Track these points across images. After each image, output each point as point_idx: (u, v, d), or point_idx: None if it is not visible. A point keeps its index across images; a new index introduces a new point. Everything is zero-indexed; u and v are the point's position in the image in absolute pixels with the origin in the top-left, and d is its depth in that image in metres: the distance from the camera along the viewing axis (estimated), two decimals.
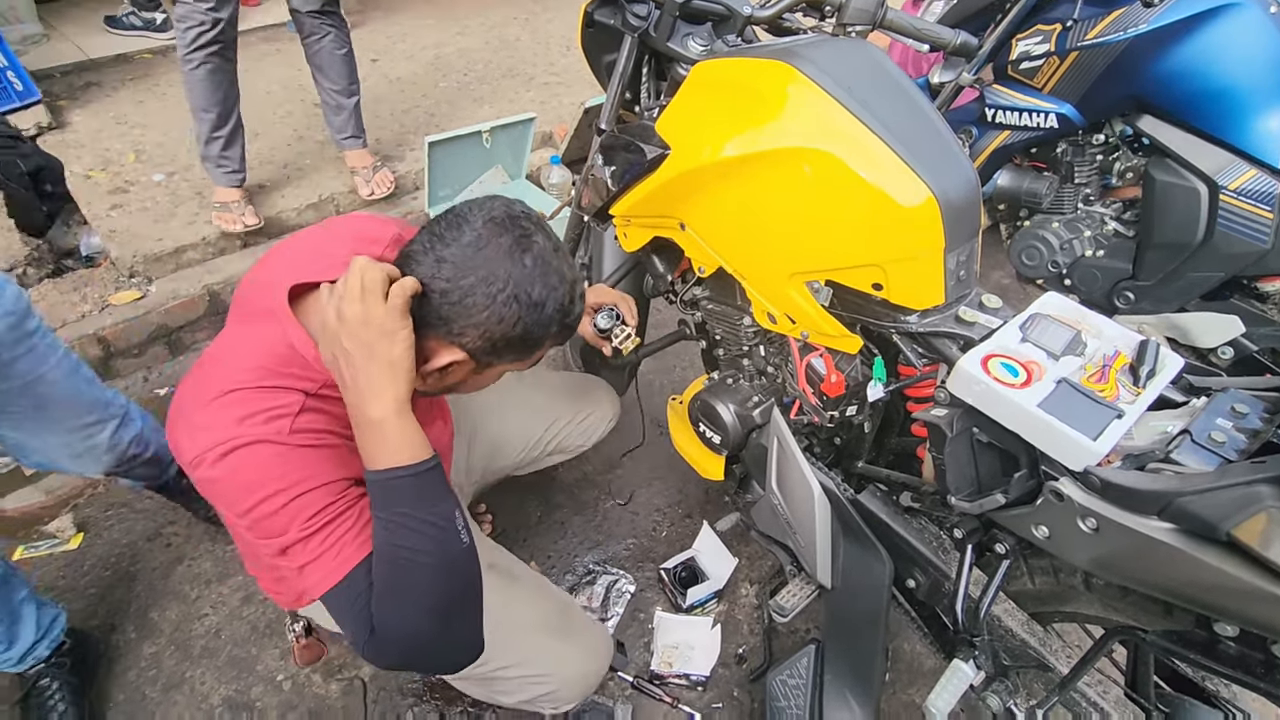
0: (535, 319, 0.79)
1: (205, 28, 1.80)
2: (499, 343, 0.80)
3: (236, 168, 2.11)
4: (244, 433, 0.74)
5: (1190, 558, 0.69)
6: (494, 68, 3.16)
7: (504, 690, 1.11)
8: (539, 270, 0.78)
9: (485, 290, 0.76)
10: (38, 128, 2.53)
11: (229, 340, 0.85)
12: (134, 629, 1.50)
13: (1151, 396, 0.83)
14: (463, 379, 0.88)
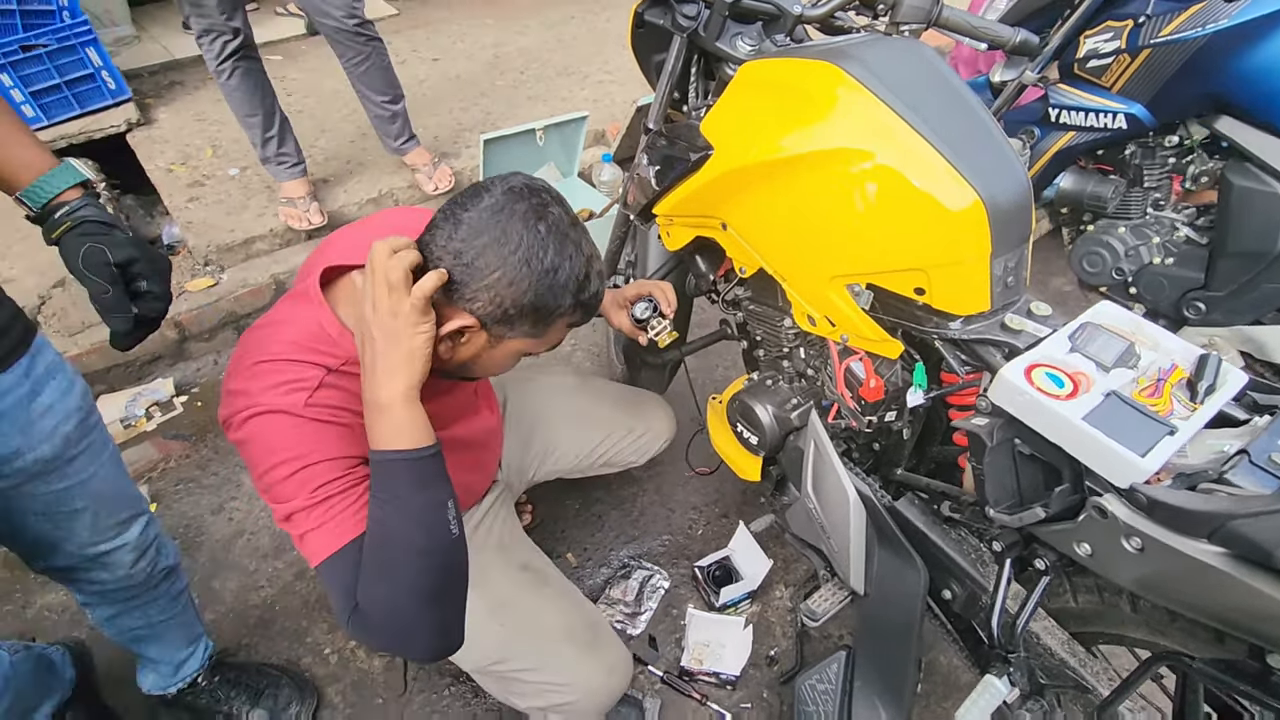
0: (547, 285, 0.80)
1: (229, 37, 1.90)
2: (510, 310, 0.80)
3: (295, 160, 2.21)
4: (265, 400, 0.79)
5: (1242, 584, 0.66)
6: (550, 66, 3.20)
7: (521, 693, 1.12)
8: (553, 237, 0.79)
9: (497, 251, 0.77)
10: (127, 124, 2.71)
11: (272, 315, 0.90)
12: (198, 596, 1.59)
13: (1209, 413, 0.79)
14: (477, 353, 0.86)
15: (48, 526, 0.93)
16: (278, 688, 1.37)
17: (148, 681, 1.28)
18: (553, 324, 0.86)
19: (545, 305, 0.82)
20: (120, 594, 1.09)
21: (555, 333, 0.88)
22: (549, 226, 0.80)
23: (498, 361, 0.90)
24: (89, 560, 1.01)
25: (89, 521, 0.97)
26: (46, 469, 0.88)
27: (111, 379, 2.07)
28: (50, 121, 2.57)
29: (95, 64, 2.62)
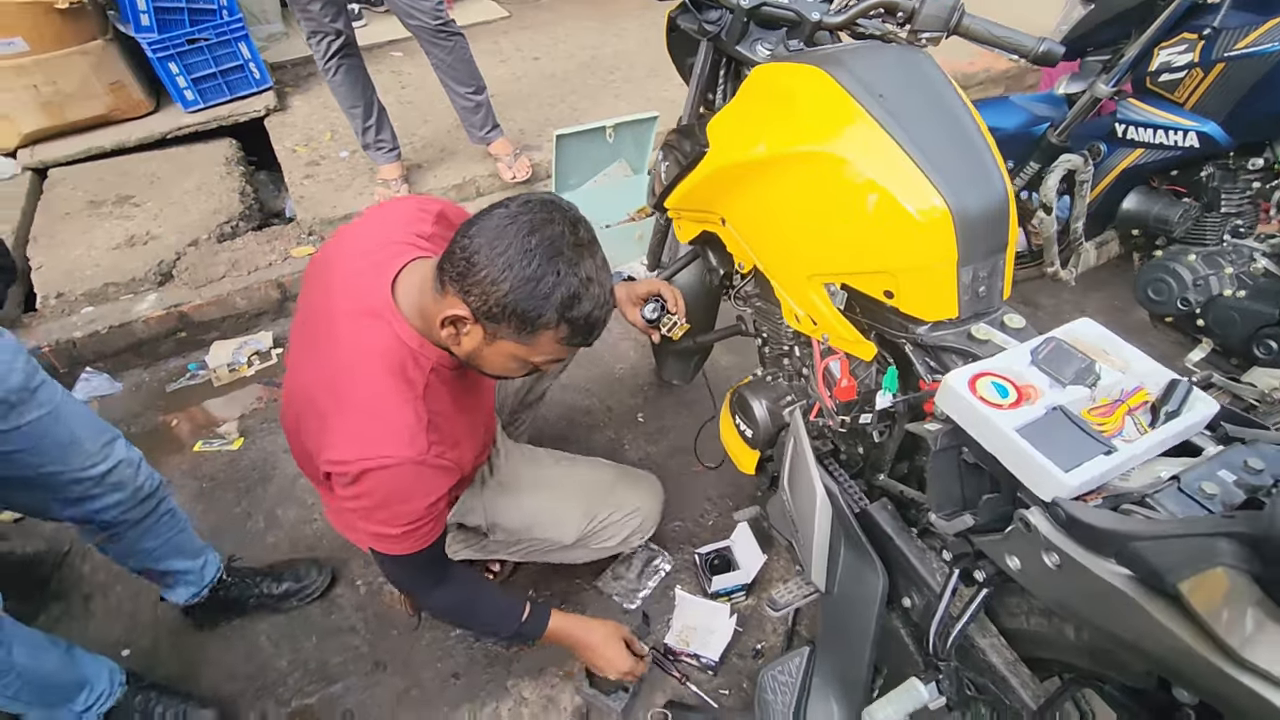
0: (528, 293, 0.86)
1: (333, 37, 2.14)
2: (494, 309, 0.87)
3: (391, 146, 2.45)
4: (386, 453, 0.95)
5: (1138, 608, 0.65)
6: (640, 68, 3.32)
7: (607, 539, 1.44)
8: (542, 250, 0.86)
9: (488, 252, 0.86)
10: (265, 109, 3.08)
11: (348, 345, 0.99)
12: (263, 520, 1.83)
13: (1161, 438, 0.77)
14: (478, 347, 0.95)
15: (47, 459, 1.10)
16: (295, 566, 1.61)
17: (181, 595, 1.47)
18: (538, 334, 0.91)
19: (526, 312, 0.88)
20: (136, 514, 1.27)
21: (546, 344, 0.93)
22: (541, 240, 0.86)
23: (496, 360, 0.98)
24: (98, 482, 1.18)
25: (81, 443, 1.14)
26: (23, 396, 1.04)
27: (225, 328, 2.39)
28: (206, 104, 2.98)
29: (245, 56, 3.01)
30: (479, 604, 1.24)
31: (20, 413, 1.05)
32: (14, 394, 1.03)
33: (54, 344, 2.14)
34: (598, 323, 0.93)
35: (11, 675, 1.11)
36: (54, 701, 1.21)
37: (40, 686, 1.17)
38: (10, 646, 1.10)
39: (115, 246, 2.43)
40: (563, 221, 0.89)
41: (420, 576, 1.16)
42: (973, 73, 3.29)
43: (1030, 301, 2.33)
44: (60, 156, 2.77)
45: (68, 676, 1.23)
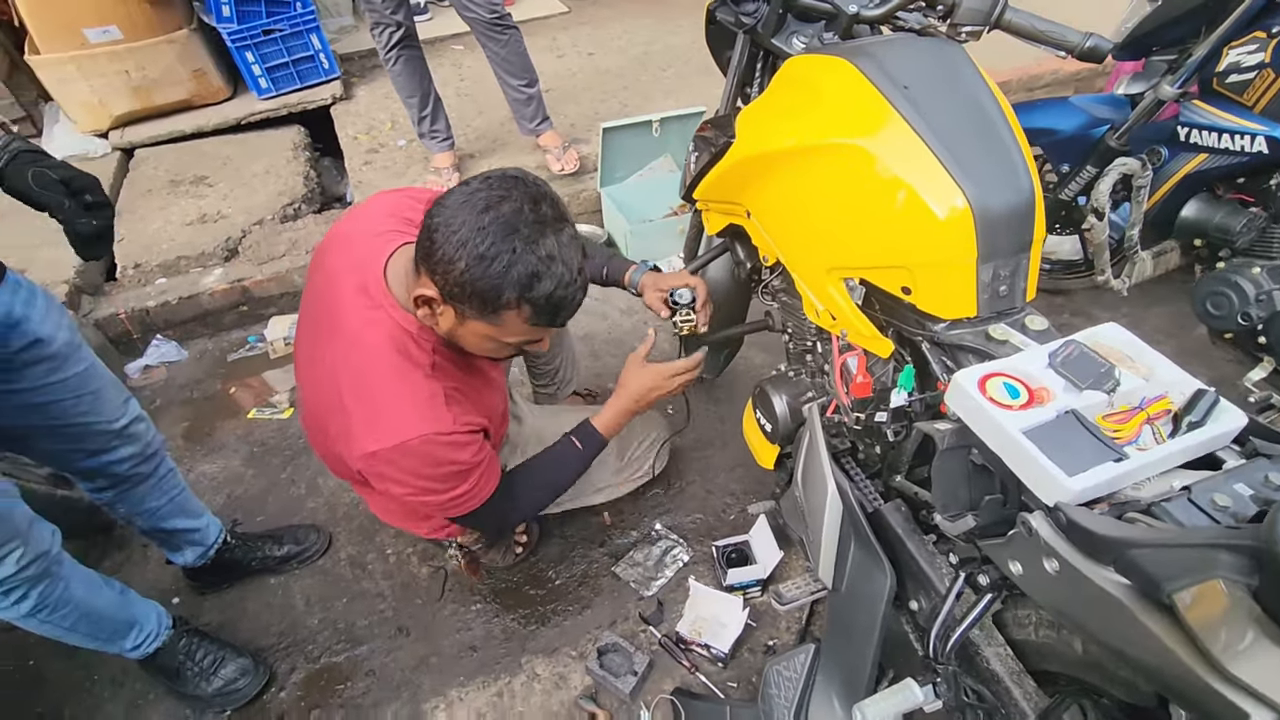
0: (482, 273, 0.84)
1: (394, 29, 2.22)
2: (454, 288, 0.87)
3: (445, 136, 2.53)
4: (412, 429, 0.98)
5: (1132, 618, 0.63)
6: (692, 65, 3.32)
7: (642, 462, 1.56)
8: (497, 228, 0.84)
9: (445, 230, 0.85)
10: (332, 98, 3.22)
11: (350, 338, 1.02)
12: (305, 489, 1.92)
13: (1179, 448, 0.74)
14: (453, 327, 0.96)
15: (86, 404, 1.19)
16: (296, 529, 1.71)
17: (187, 556, 1.55)
18: (501, 314, 0.90)
19: (484, 291, 0.86)
20: (144, 469, 1.35)
21: (513, 324, 0.92)
22: (495, 217, 0.85)
23: (472, 340, 0.98)
24: (116, 436, 1.26)
25: (108, 395, 1.23)
26: (70, 350, 1.13)
27: (282, 304, 2.52)
28: (278, 92, 3.14)
29: (315, 47, 3.16)
30: (550, 482, 1.30)
31: (68, 365, 1.14)
32: (64, 348, 1.13)
33: (130, 311, 2.31)
34: (562, 302, 0.90)
35: (69, 608, 1.21)
36: (106, 637, 1.31)
37: (94, 621, 1.27)
38: (69, 581, 1.20)
39: (189, 223, 2.60)
40: (521, 198, 0.87)
41: (505, 510, 1.22)
42: (1039, 74, 3.16)
43: (1082, 312, 2.23)
44: (146, 138, 2.97)
45: (120, 615, 1.33)
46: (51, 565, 1.15)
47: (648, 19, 3.80)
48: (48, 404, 1.14)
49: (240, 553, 1.63)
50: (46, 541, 1.15)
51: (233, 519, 1.73)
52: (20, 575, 1.10)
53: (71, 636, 1.25)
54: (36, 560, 1.12)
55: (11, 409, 1.10)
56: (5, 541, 1.07)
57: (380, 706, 1.45)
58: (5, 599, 1.12)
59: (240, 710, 1.44)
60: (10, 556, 1.08)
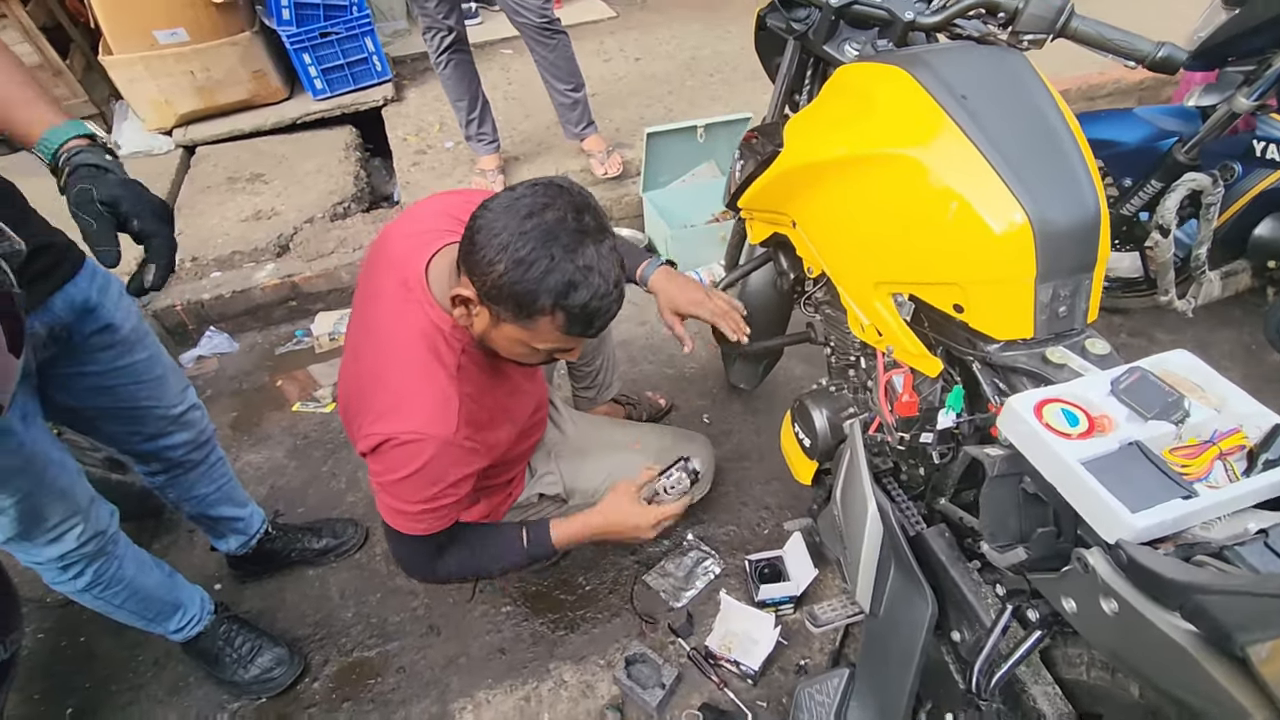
0: (519, 277, 0.85)
1: (445, 33, 2.26)
2: (492, 291, 0.88)
3: (491, 139, 2.56)
4: (418, 428, 0.98)
5: (1198, 668, 0.59)
6: (740, 71, 3.29)
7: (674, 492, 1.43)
8: (537, 234, 0.85)
9: (487, 232, 0.86)
10: (383, 100, 3.29)
11: (382, 328, 1.04)
12: (345, 483, 1.96)
13: (1255, 487, 0.69)
14: (487, 329, 0.97)
15: (147, 389, 1.22)
16: (334, 523, 1.74)
17: (230, 544, 1.59)
18: (536, 320, 0.90)
19: (520, 295, 0.87)
20: (196, 456, 1.39)
21: (546, 331, 0.91)
22: (538, 224, 0.85)
23: (504, 343, 0.98)
24: (173, 421, 1.30)
25: (170, 382, 1.27)
26: (137, 336, 1.17)
27: (329, 300, 2.58)
28: (332, 93, 3.22)
29: (370, 50, 3.23)
30: (481, 559, 1.21)
31: (136, 351, 1.18)
32: (133, 333, 1.17)
33: (185, 303, 2.39)
34: (597, 313, 0.90)
35: (120, 585, 1.25)
36: (152, 617, 1.36)
37: (143, 600, 1.31)
38: (123, 560, 1.25)
39: (244, 219, 2.68)
40: (565, 207, 0.87)
41: (424, 555, 1.16)
42: (1101, 83, 3.04)
43: (1141, 332, 2.13)
44: (207, 136, 3.08)
45: (167, 596, 1.37)
46: (108, 544, 1.20)
47: (696, 24, 3.79)
48: (115, 387, 1.18)
49: (280, 543, 1.67)
50: (105, 520, 1.19)
51: (275, 510, 1.77)
52: (79, 551, 1.15)
53: (120, 614, 1.30)
54: (95, 538, 1.17)
55: (83, 391, 1.15)
56: (68, 517, 1.11)
57: (409, 704, 1.47)
58: (64, 573, 1.17)
59: (275, 699, 1.47)
60: (71, 532, 1.12)
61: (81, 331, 1.09)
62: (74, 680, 1.54)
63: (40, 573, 1.17)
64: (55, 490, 1.08)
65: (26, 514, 1.06)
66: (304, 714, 1.46)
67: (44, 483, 1.06)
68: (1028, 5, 1.00)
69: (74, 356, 1.10)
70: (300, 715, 1.46)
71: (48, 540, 1.11)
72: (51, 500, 1.08)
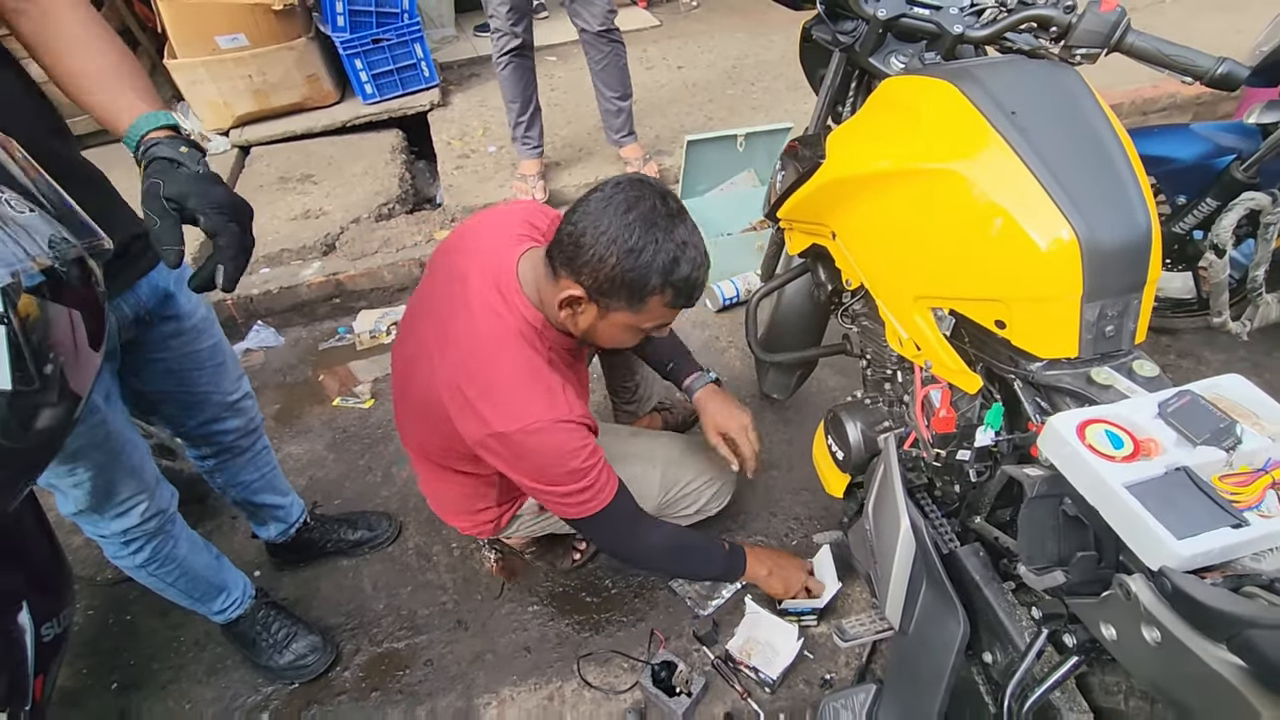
0: (632, 264, 0.96)
1: (510, 38, 2.32)
2: (604, 283, 0.98)
3: (536, 144, 2.61)
4: (548, 415, 1.06)
5: (1246, 704, 0.57)
6: (783, 80, 3.29)
7: (689, 504, 1.51)
8: (640, 223, 0.95)
9: (593, 233, 0.96)
10: (430, 104, 3.38)
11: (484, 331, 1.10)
12: (380, 477, 2.00)
13: None
14: (593, 323, 1.07)
15: (208, 376, 1.28)
16: (369, 516, 1.79)
17: (271, 532, 1.65)
18: (647, 300, 1.01)
19: (634, 281, 0.98)
20: (245, 443, 1.44)
21: (655, 309, 1.03)
22: (638, 215, 0.97)
23: (610, 331, 1.10)
24: (228, 408, 1.35)
25: (229, 370, 1.32)
26: (205, 325, 1.23)
27: (372, 298, 2.64)
28: (382, 97, 3.31)
29: (419, 55, 3.32)
30: (686, 548, 1.36)
31: (202, 338, 1.24)
32: (201, 322, 1.23)
33: (235, 298, 2.48)
34: (697, 283, 1.02)
35: (173, 565, 1.31)
36: (199, 597, 1.41)
37: (192, 580, 1.37)
38: (178, 540, 1.31)
39: (293, 218, 2.77)
40: (653, 195, 0.98)
41: (625, 530, 1.25)
42: (1155, 97, 2.96)
43: (1191, 353, 2.05)
44: (261, 137, 3.19)
45: (214, 578, 1.43)
46: (167, 523, 1.26)
47: (739, 33, 3.79)
48: (181, 372, 1.24)
49: (318, 534, 1.72)
50: (167, 500, 1.25)
51: (313, 500, 1.82)
52: (142, 527, 1.20)
53: (170, 591, 1.36)
54: (158, 515, 1.22)
55: (153, 375, 1.21)
56: (136, 493, 1.17)
57: (435, 696, 1.49)
58: (126, 548, 1.23)
59: (307, 685, 1.51)
60: (137, 508, 1.18)
61: (159, 317, 1.15)
62: (120, 657, 1.60)
63: (103, 545, 1.23)
64: (128, 467, 1.14)
65: (100, 488, 1.11)
66: (334, 701, 1.50)
67: (119, 459, 1.12)
68: (1081, 20, 0.98)
69: (149, 342, 1.16)
70: (330, 702, 1.49)
71: (115, 514, 1.16)
72: (123, 476, 1.14)
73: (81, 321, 0.71)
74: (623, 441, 1.53)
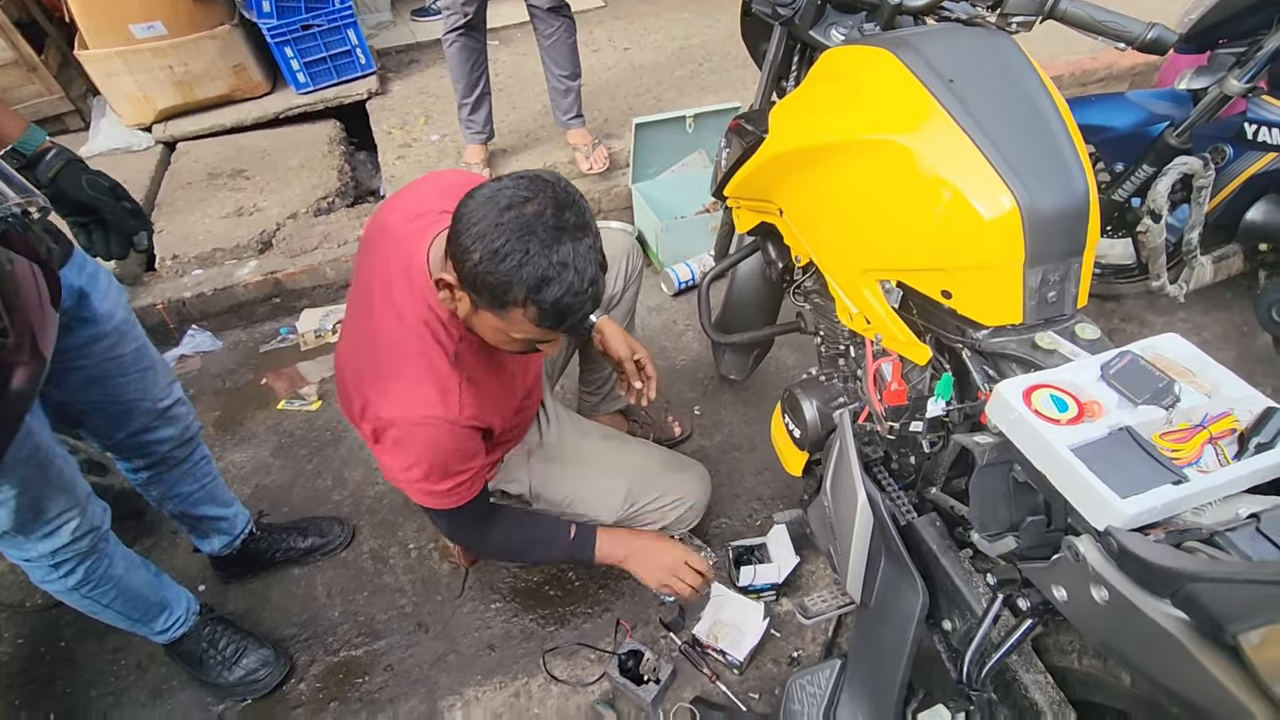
0: (493, 268, 0.85)
1: (458, 16, 2.23)
2: (468, 278, 0.89)
3: (479, 130, 2.53)
4: (419, 411, 1.03)
5: (1189, 657, 0.58)
6: (730, 59, 3.26)
7: (651, 521, 1.43)
8: (513, 227, 0.85)
9: (467, 221, 0.87)
10: (368, 93, 3.24)
11: (385, 308, 1.07)
12: (331, 480, 1.93)
13: (1246, 472, 0.68)
14: (469, 314, 0.97)
15: (135, 382, 1.21)
16: (320, 522, 1.73)
17: (215, 545, 1.57)
18: (509, 310, 0.90)
19: (494, 286, 0.87)
20: (180, 453, 1.37)
21: (519, 322, 0.92)
22: (514, 217, 0.85)
23: (486, 330, 0.99)
24: (159, 416, 1.29)
25: (157, 375, 1.26)
26: (127, 327, 1.17)
27: (314, 296, 2.54)
28: (315, 86, 3.16)
29: (353, 42, 3.18)
30: (528, 540, 1.32)
31: (125, 343, 1.17)
32: (122, 324, 1.16)
33: (166, 301, 2.35)
34: (569, 309, 0.90)
35: (109, 585, 1.23)
36: (139, 618, 1.33)
37: (130, 600, 1.29)
38: (113, 559, 1.23)
39: (225, 216, 2.64)
40: (546, 201, 0.87)
41: (471, 528, 1.26)
42: (1093, 69, 3.03)
43: (1133, 317, 2.12)
44: (187, 131, 3.02)
45: (153, 596, 1.35)
46: (100, 541, 1.19)
47: (685, 13, 3.74)
48: (104, 379, 1.17)
49: (265, 544, 1.65)
50: (99, 516, 1.18)
51: (259, 510, 1.75)
52: (72, 546, 1.13)
53: (107, 614, 1.28)
54: (90, 534, 1.15)
55: (74, 384, 1.14)
56: (66, 509, 1.10)
57: (397, 702, 1.45)
58: (55, 571, 1.15)
59: (260, 700, 1.45)
60: (67, 526, 1.11)
61: (76, 319, 1.08)
62: (55, 686, 1.51)
63: (29, 570, 1.15)
64: (56, 483, 1.07)
65: (26, 506, 1.04)
66: (290, 715, 1.44)
67: (47, 474, 1.05)
68: None
69: (68, 348, 1.09)
70: (286, 716, 1.44)
71: (43, 534, 1.09)
72: (52, 492, 1.07)
73: (43, 276, 0.71)
74: (595, 445, 1.48)
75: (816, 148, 0.98)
